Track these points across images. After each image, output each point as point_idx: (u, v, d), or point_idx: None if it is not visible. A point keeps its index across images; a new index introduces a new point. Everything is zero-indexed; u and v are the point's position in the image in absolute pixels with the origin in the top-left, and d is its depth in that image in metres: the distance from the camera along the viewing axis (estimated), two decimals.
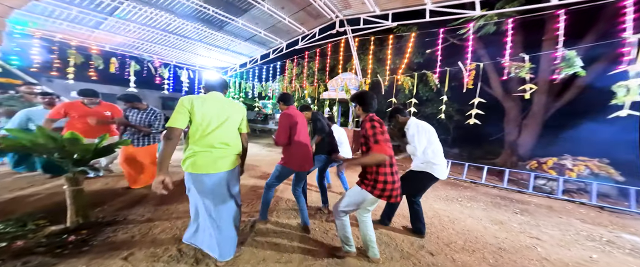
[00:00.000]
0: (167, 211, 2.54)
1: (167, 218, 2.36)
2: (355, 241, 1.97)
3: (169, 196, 2.96)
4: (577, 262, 1.84)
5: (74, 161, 1.98)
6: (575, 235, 2.44)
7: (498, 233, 2.39)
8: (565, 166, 4.86)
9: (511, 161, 6.73)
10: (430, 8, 4.73)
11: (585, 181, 4.38)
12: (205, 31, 5.90)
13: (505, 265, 1.75)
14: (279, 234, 2.11)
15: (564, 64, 3.84)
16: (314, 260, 1.75)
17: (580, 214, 3.24)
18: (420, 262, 1.82)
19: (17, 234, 1.83)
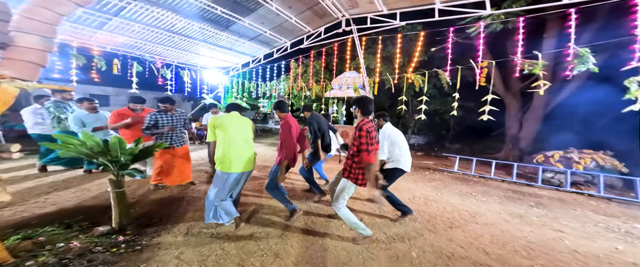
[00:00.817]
0: (197, 211, 2.59)
1: (200, 218, 2.41)
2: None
3: (195, 197, 3.01)
4: (606, 253, 1.93)
5: (121, 165, 2.02)
6: (594, 226, 2.55)
7: (521, 226, 2.48)
8: (572, 159, 4.99)
9: (513, 155, 6.89)
10: (439, 7, 4.72)
11: (592, 173, 4.53)
12: (210, 31, 5.79)
13: (538, 257, 1.83)
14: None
15: (577, 61, 3.90)
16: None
17: (591, 205, 3.37)
18: (454, 255, 1.89)
19: (69, 236, 1.88)
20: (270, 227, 2.26)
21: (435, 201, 3.22)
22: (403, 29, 6.22)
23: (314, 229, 2.28)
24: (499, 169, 5.43)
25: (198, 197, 3.02)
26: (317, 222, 2.42)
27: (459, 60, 5.40)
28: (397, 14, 5.16)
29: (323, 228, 2.29)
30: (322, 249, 1.94)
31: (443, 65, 5.28)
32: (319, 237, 2.13)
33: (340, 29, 5.83)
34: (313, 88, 7.20)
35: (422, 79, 5.26)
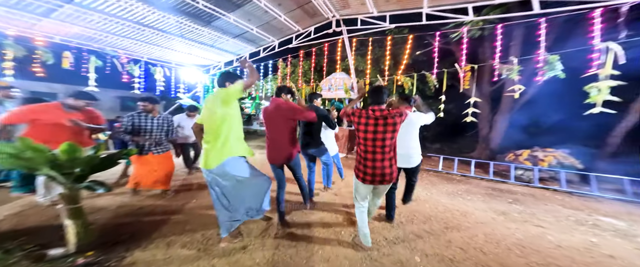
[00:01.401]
0: (178, 223, 2.33)
1: (180, 232, 2.15)
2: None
3: (174, 208, 2.72)
4: (585, 247, 2.12)
5: (76, 177, 1.68)
6: (566, 220, 2.81)
7: (507, 224, 2.64)
8: (538, 156, 5.55)
9: (485, 154, 7.50)
10: (427, 12, 4.90)
11: (555, 170, 5.09)
12: (189, 26, 5.30)
13: (531, 255, 1.94)
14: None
15: (547, 67, 4.32)
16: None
17: (557, 200, 3.76)
18: (456, 257, 1.93)
19: (10, 263, 1.52)
20: (266, 238, 2.11)
21: (427, 201, 3.31)
22: (391, 31, 6.36)
23: (313, 237, 2.18)
24: (477, 167, 5.85)
25: (175, 208, 2.71)
26: (315, 230, 2.32)
27: (443, 64, 5.68)
28: (387, 17, 5.24)
29: (322, 236, 2.21)
30: (323, 260, 1.84)
31: (426, 68, 5.51)
32: (318, 245, 2.03)
33: (331, 29, 5.76)
34: (303, 88, 7.05)
35: (411, 81, 5.43)
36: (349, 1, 4.93)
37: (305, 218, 2.55)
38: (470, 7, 4.56)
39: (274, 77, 8.88)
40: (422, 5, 4.72)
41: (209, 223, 2.34)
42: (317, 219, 2.53)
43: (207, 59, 7.83)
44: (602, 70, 3.59)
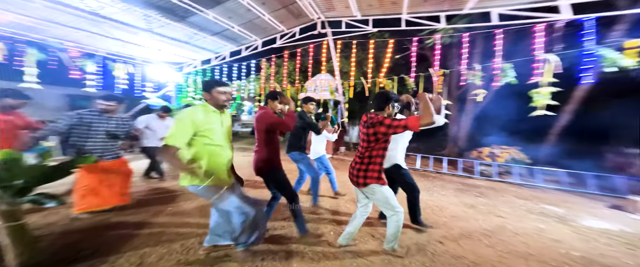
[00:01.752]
0: (152, 235, 2.15)
1: (155, 243, 2.00)
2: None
3: (145, 219, 2.51)
4: (536, 233, 2.51)
5: (18, 190, 1.47)
6: (519, 210, 3.29)
7: (476, 216, 3.00)
8: (495, 153, 6.33)
9: (454, 152, 8.33)
10: (405, 18, 5.23)
11: (509, 165, 5.87)
12: (159, 20, 4.82)
13: (497, 244, 2.24)
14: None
15: (502, 74, 4.93)
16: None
17: (512, 191, 4.36)
18: (436, 251, 2.13)
19: None
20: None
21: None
22: (374, 35, 6.63)
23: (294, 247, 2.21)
24: (449, 165, 6.45)
25: (146, 218, 2.50)
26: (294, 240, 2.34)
27: (418, 68, 6.13)
28: (370, 21, 5.45)
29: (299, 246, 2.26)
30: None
31: (405, 72, 5.90)
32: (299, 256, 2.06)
33: (316, 31, 5.79)
34: (288, 89, 6.96)
35: (392, 84, 5.75)
36: (334, 3, 5.02)
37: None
38: (443, 15, 4.97)
39: (257, 77, 8.58)
40: (402, 12, 5.01)
41: (188, 233, 2.22)
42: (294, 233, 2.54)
43: (181, 56, 7.23)
44: (543, 78, 4.25)
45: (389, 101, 1.82)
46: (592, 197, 4.16)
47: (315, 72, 7.25)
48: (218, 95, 1.59)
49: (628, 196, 3.64)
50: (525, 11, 4.08)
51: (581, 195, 4.27)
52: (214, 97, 1.60)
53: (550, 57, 4.13)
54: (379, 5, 4.86)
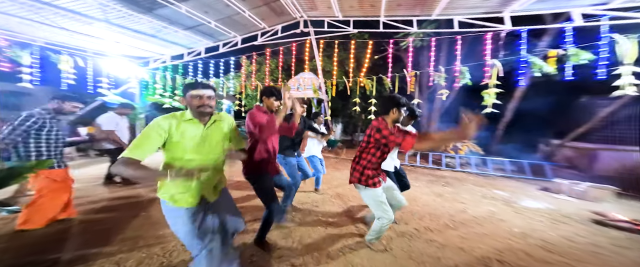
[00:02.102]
0: (127, 240, 2.06)
1: (131, 249, 1.94)
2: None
3: (115, 225, 2.37)
4: (488, 215, 3.03)
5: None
6: (477, 196, 3.89)
7: (443, 203, 3.47)
8: (458, 147, 7.22)
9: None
10: (383, 20, 5.54)
11: (468, 156, 6.76)
12: (120, 11, 4.29)
13: (459, 227, 2.66)
14: None
15: (461, 76, 5.59)
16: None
17: (471, 180, 5.08)
18: (413, 236, 2.46)
19: None
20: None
21: None
22: (355, 36, 6.86)
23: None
24: (421, 158, 7.13)
25: (116, 225, 2.37)
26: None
27: (394, 68, 6.59)
28: (351, 22, 5.64)
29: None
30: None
31: (383, 72, 6.28)
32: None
33: (299, 29, 5.77)
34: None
35: (372, 83, 6.09)
36: (316, 3, 5.05)
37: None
38: (415, 19, 5.37)
39: (236, 75, 8.17)
40: (380, 14, 5.28)
41: (167, 235, 2.16)
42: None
43: (145, 50, 6.49)
44: (490, 81, 4.97)
45: (398, 106, 1.82)
46: (528, 181, 5.08)
47: (299, 70, 7.25)
48: (191, 100, 1.31)
49: (553, 179, 4.56)
50: (479, 20, 4.67)
51: (520, 180, 5.18)
52: (188, 103, 1.33)
53: (495, 62, 4.85)
54: (359, 7, 5.06)
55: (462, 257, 2.04)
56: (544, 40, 7.06)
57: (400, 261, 1.96)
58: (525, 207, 3.41)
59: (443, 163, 6.40)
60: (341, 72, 7.73)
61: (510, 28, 4.49)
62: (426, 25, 6.66)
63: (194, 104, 1.32)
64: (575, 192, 3.93)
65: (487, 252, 2.14)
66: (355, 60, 6.64)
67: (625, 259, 2.09)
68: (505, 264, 1.95)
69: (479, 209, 3.25)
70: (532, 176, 5.32)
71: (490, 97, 4.91)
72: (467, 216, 2.99)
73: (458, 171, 5.98)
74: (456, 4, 4.36)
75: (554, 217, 3.04)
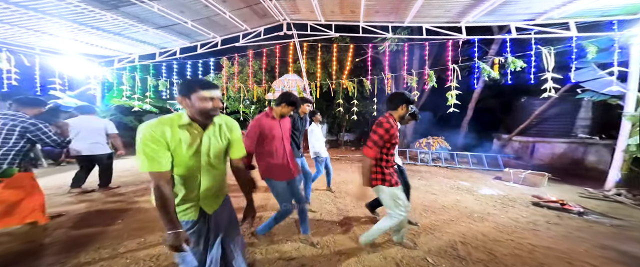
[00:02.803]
0: (106, 247, 1.99)
1: (112, 256, 1.92)
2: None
3: (91, 234, 2.27)
4: (454, 203, 3.49)
5: None
6: (445, 187, 4.42)
7: (417, 195, 3.86)
8: (430, 143, 7.96)
9: (404, 143, 9.98)
10: (362, 25, 5.86)
11: (438, 152, 7.51)
12: (78, 6, 3.86)
13: (431, 215, 3.03)
14: None
15: (429, 79, 6.19)
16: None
17: (441, 173, 5.69)
18: (392, 227, 2.79)
19: None
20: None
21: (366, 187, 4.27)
22: (337, 39, 7.08)
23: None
24: (400, 155, 7.64)
25: (93, 234, 2.21)
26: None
27: (374, 71, 7.01)
28: (333, 26, 5.84)
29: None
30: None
31: (364, 74, 6.65)
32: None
33: (282, 32, 5.78)
34: (254, 89, 6.71)
35: (353, 84, 6.40)
36: (299, 7, 5.13)
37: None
38: (390, 25, 5.78)
39: (217, 76, 7.81)
40: (359, 19, 5.58)
41: (151, 241, 2.18)
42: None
43: (108, 48, 5.87)
44: (452, 83, 5.63)
45: (407, 102, 1.83)
46: (486, 172, 5.88)
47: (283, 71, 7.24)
48: (199, 102, 1.08)
49: (503, 169, 5.36)
50: (442, 28, 5.25)
51: (480, 171, 5.97)
52: (193, 105, 1.10)
53: (455, 67, 5.51)
54: (340, 12, 5.28)
55: (434, 242, 2.38)
56: (492, 49, 8.14)
57: (383, 249, 2.22)
58: (482, 195, 4.00)
59: (418, 159, 7.02)
60: (325, 74, 7.93)
61: (465, 37, 5.13)
62: (400, 31, 7.20)
63: (204, 106, 1.08)
64: (519, 179, 4.71)
65: (453, 235, 2.52)
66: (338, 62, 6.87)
67: (555, 233, 2.63)
68: (467, 245, 2.34)
69: (447, 199, 3.73)
70: (489, 167, 6.16)
71: (452, 98, 5.56)
72: (438, 205, 3.42)
73: (431, 165, 6.64)
74: (424, 13, 4.83)
75: (503, 202, 3.64)
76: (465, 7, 4.34)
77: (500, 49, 7.72)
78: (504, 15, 4.56)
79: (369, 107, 6.99)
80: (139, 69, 6.65)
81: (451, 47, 5.64)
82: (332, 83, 6.60)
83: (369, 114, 8.50)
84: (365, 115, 10.55)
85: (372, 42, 6.73)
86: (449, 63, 5.57)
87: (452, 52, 5.62)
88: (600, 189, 4.25)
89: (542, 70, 4.67)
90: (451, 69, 5.55)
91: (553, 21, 4.41)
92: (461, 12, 4.58)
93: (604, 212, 3.25)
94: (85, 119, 3.41)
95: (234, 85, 7.07)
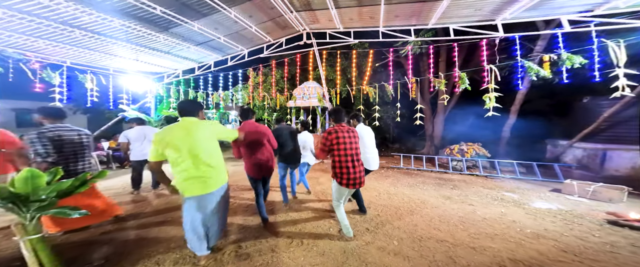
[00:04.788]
0: (160, 242, 2.20)
1: (165, 250, 2.06)
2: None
3: (146, 229, 2.51)
4: (499, 216, 3.01)
5: (42, 205, 1.59)
6: (485, 198, 3.86)
7: (451, 205, 3.46)
8: (464, 149, 7.18)
9: (431, 150, 9.20)
10: (382, 30, 5.79)
11: (474, 159, 6.71)
12: (139, 31, 4.63)
13: (470, 228, 2.66)
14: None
15: (461, 82, 5.69)
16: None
17: (479, 182, 5.04)
18: (423, 237, 2.45)
19: None
20: (261, 243, 2.22)
21: (396, 195, 3.95)
22: (356, 46, 7.13)
23: (305, 234, 2.41)
24: (427, 162, 7.12)
25: (147, 229, 2.53)
26: (307, 228, 2.54)
27: (395, 75, 6.78)
28: (351, 33, 5.91)
29: (314, 232, 2.46)
30: (319, 254, 2.10)
31: (385, 79, 6.46)
32: (311, 240, 2.30)
33: (302, 41, 6.07)
34: (277, 97, 7.08)
35: (374, 90, 6.25)
36: (318, 17, 5.34)
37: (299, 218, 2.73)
38: (412, 29, 5.58)
39: (244, 86, 8.50)
40: (379, 25, 5.53)
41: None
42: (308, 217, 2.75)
43: (160, 66, 6.88)
44: (489, 85, 5.06)
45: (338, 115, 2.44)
46: (538, 183, 5.01)
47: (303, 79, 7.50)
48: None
49: (563, 180, 4.50)
50: (473, 28, 4.84)
51: (530, 182, 5.11)
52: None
53: (492, 67, 4.96)
54: (358, 19, 5.32)
55: (474, 257, 2.05)
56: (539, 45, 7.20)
57: (413, 260, 1.98)
58: (536, 209, 3.37)
59: (450, 166, 6.36)
60: (344, 81, 7.95)
61: (502, 35, 4.64)
62: (423, 34, 6.91)
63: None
64: (586, 193, 3.87)
65: (499, 251, 2.14)
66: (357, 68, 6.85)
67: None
68: (518, 263, 1.95)
69: (489, 211, 3.24)
70: (542, 177, 5.24)
71: (491, 101, 4.98)
72: (477, 217, 2.98)
73: (465, 174, 5.93)
74: (450, 14, 4.56)
75: (566, 218, 3.01)
76: (500, 3, 3.96)
77: (549, 44, 6.79)
78: (551, 9, 4.02)
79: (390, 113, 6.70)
80: (182, 83, 7.60)
81: (486, 46, 5.15)
82: (351, 89, 6.55)
83: (390, 119, 8.14)
84: (386, 120, 10.13)
85: (393, 46, 6.57)
86: (485, 63, 5.07)
87: (487, 51, 5.13)
88: None
89: (610, 66, 3.91)
90: (487, 69, 5.04)
91: (618, 10, 3.72)
92: (496, 9, 4.20)
93: None
94: (139, 129, 3.92)
95: (259, 94, 7.55)
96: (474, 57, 8.11)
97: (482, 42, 5.16)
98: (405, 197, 3.78)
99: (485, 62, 5.07)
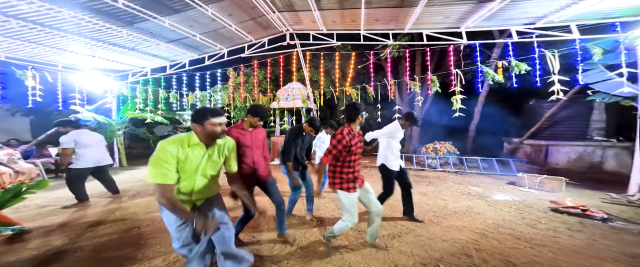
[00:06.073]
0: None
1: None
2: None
3: (122, 239, 2.29)
4: (466, 209, 3.35)
5: None
6: (456, 192, 4.26)
7: (427, 201, 3.75)
8: (437, 148, 7.79)
9: (410, 149, 9.81)
10: (363, 33, 5.99)
11: (446, 157, 7.32)
12: (96, 24, 4.12)
13: (442, 222, 2.92)
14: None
15: (432, 84, 6.16)
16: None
17: (450, 178, 5.52)
18: (402, 232, 2.64)
19: None
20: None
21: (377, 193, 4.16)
22: (339, 48, 7.25)
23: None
24: (406, 160, 7.55)
25: (109, 240, 2.31)
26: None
27: (376, 77, 7.06)
28: (334, 35, 6.00)
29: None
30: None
31: (366, 81, 6.69)
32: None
33: (285, 42, 5.98)
34: (259, 99, 6.86)
35: (356, 91, 6.44)
36: (301, 18, 5.33)
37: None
38: (390, 33, 5.87)
39: (224, 87, 8.06)
40: (360, 28, 5.71)
41: (167, 248, 2.18)
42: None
43: (123, 63, 6.20)
44: (456, 88, 5.57)
45: (359, 113, 2.02)
46: (498, 176, 5.67)
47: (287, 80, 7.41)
48: (210, 128, 1.36)
49: (517, 173, 5.15)
50: (443, 34, 5.28)
51: (491, 176, 5.76)
52: (204, 130, 1.38)
53: (458, 71, 5.48)
54: (341, 21, 5.44)
55: (447, 249, 2.27)
56: (495, 53, 8.11)
57: (392, 256, 2.13)
58: (496, 200, 3.83)
59: (426, 164, 6.86)
60: (328, 82, 8.05)
61: (466, 42, 5.15)
62: (401, 38, 7.31)
63: (214, 131, 1.36)
64: (534, 184, 4.50)
65: (467, 242, 2.40)
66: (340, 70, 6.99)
67: (579, 241, 2.46)
68: (482, 252, 2.21)
69: (458, 205, 3.59)
70: (501, 171, 5.94)
71: (457, 103, 5.49)
72: (449, 211, 3.29)
73: (439, 170, 6.45)
74: (424, 20, 4.91)
75: (519, 208, 3.47)
76: (464, 13, 4.39)
77: (503, 52, 7.68)
78: (504, 20, 4.59)
79: (373, 113, 7.00)
80: (151, 82, 6.95)
81: (453, 52, 5.65)
82: (335, 90, 6.68)
83: (373, 120, 8.47)
84: (369, 121, 10.51)
85: (374, 49, 6.84)
86: (452, 68, 5.56)
87: (454, 57, 5.62)
88: (623, 194, 4.00)
89: (548, 72, 4.60)
90: (454, 73, 5.52)
91: (554, 25, 4.39)
92: (461, 18, 4.63)
93: (630, 219, 3.04)
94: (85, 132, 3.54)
95: (240, 95, 7.26)
96: (444, 62, 8.81)
97: (450, 48, 5.65)
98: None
99: (452, 67, 5.56)
